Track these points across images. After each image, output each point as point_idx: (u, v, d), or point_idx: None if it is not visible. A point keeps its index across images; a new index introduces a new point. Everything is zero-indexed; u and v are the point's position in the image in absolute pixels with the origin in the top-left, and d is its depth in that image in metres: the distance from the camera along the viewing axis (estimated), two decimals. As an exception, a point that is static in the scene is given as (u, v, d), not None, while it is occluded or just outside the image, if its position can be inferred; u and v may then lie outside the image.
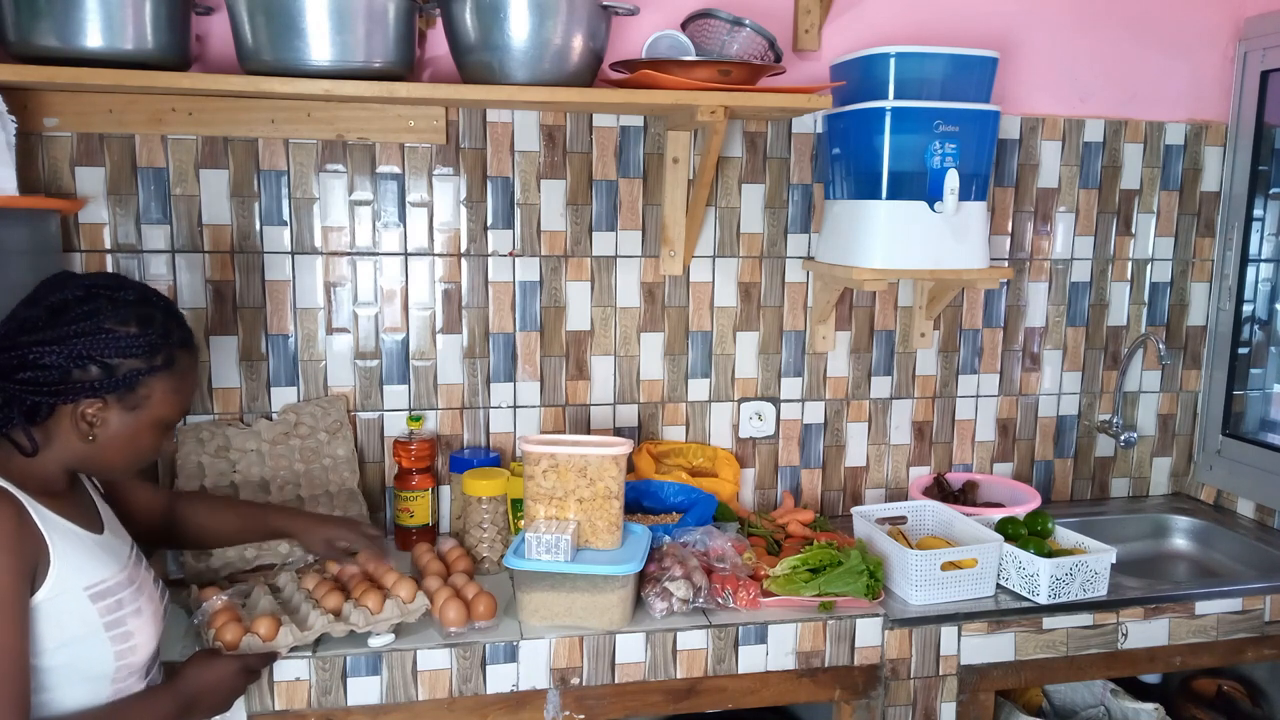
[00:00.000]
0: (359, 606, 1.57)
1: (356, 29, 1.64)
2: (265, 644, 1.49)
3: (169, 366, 1.29)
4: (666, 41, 1.87)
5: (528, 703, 1.63)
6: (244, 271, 1.95)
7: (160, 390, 1.29)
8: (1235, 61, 2.35)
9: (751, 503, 2.28)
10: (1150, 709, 2.05)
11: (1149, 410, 2.47)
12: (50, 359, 1.21)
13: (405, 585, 1.62)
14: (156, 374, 1.28)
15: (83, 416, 1.25)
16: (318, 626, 1.53)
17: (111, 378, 1.24)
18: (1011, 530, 1.90)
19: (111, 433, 1.27)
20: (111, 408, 1.26)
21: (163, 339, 1.28)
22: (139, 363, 1.26)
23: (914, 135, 1.91)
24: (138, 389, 1.27)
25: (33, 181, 1.81)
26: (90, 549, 1.28)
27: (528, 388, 2.12)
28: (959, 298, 2.30)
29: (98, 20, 1.57)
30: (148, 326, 1.27)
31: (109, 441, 1.27)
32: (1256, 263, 2.38)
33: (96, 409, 1.25)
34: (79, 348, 1.22)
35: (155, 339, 1.27)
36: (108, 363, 1.24)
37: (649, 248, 2.12)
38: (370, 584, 1.65)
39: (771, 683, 1.72)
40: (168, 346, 1.29)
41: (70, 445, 1.27)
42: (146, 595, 1.34)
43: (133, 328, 1.26)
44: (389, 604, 1.58)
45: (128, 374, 1.25)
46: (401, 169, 1.99)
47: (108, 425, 1.27)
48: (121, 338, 1.24)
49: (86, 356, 1.22)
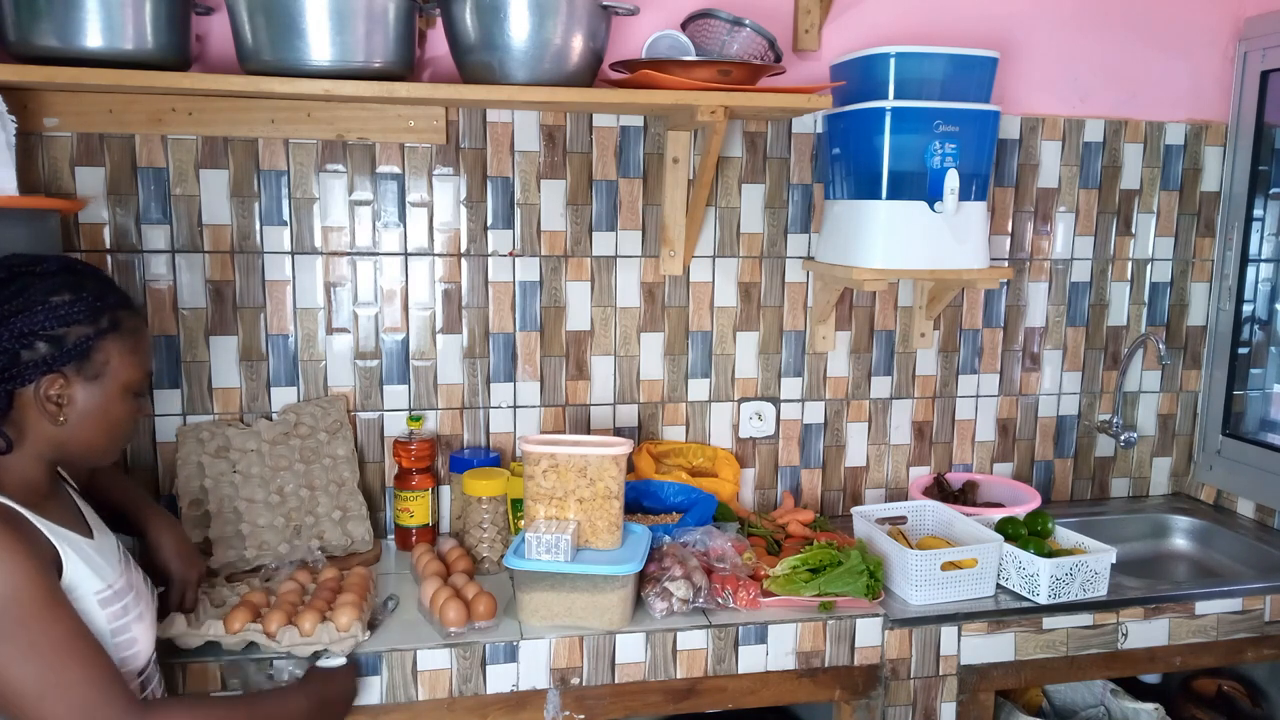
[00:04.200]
0: (291, 625, 1.53)
1: (356, 29, 1.64)
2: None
3: (116, 328, 1.26)
4: (666, 41, 1.87)
5: (528, 703, 1.63)
6: (244, 271, 1.95)
7: (116, 353, 1.26)
8: (1235, 61, 2.35)
9: (751, 503, 2.28)
10: (1150, 709, 2.05)
11: (1149, 410, 2.47)
12: None
13: (346, 613, 1.55)
14: (106, 337, 1.25)
15: (47, 398, 1.21)
16: (247, 633, 1.51)
17: (63, 349, 1.21)
18: (1011, 530, 1.90)
19: (81, 409, 1.24)
20: (73, 382, 1.23)
21: (100, 301, 1.25)
22: (85, 328, 1.23)
23: (914, 135, 1.91)
24: (93, 356, 1.23)
25: (33, 181, 1.81)
26: (88, 554, 1.25)
27: (528, 388, 2.12)
28: (959, 298, 2.30)
29: (98, 20, 1.57)
30: (80, 291, 1.23)
31: (81, 420, 1.24)
32: (1256, 263, 2.38)
33: (59, 386, 1.22)
34: (18, 326, 1.18)
35: (93, 301, 1.24)
36: (53, 334, 1.20)
37: (649, 248, 2.12)
38: (327, 601, 1.61)
39: (771, 683, 1.72)
40: (108, 309, 1.26)
41: (44, 434, 1.23)
42: (144, 599, 1.33)
43: (66, 295, 1.22)
44: (320, 629, 1.52)
45: (77, 342, 1.22)
46: (401, 169, 1.99)
47: (75, 402, 1.23)
48: (58, 306, 1.21)
49: (29, 334, 1.19)
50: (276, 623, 1.52)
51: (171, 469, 1.91)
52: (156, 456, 1.96)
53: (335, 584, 1.68)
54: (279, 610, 1.55)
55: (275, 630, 1.51)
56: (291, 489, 1.91)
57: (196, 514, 1.85)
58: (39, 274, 1.23)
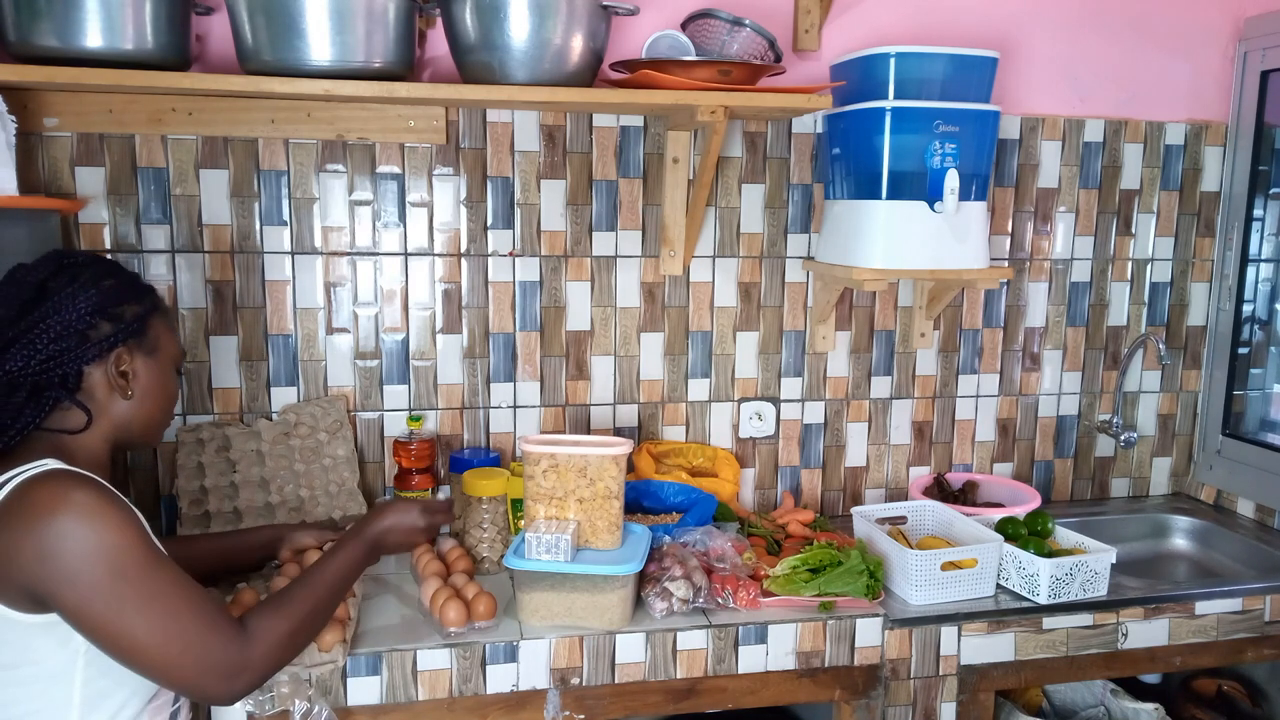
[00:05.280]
0: None
1: (356, 29, 1.64)
2: None
3: (158, 307, 1.38)
4: (666, 41, 1.87)
5: (528, 703, 1.63)
6: (244, 271, 1.95)
7: (163, 329, 1.37)
8: (1235, 61, 2.35)
9: (751, 503, 2.28)
10: (1150, 709, 2.05)
11: (1149, 410, 2.47)
12: (57, 329, 1.25)
13: (331, 631, 1.51)
14: (154, 314, 1.35)
15: (119, 373, 1.30)
16: None
17: (124, 325, 1.30)
18: (1011, 530, 1.90)
19: (144, 384, 1.34)
20: (136, 356, 1.32)
21: (138, 283, 1.36)
22: (137, 306, 1.33)
23: (914, 135, 1.91)
24: (148, 331, 1.34)
25: (33, 181, 1.81)
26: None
27: (528, 388, 2.12)
28: (959, 298, 2.30)
29: (97, 20, 1.57)
30: (119, 276, 1.34)
31: (145, 394, 1.34)
32: (1256, 263, 2.38)
33: (125, 360, 1.31)
34: (82, 308, 1.26)
35: (135, 283, 1.35)
36: (114, 311, 1.30)
37: (649, 248, 2.12)
38: None
39: (771, 683, 1.72)
40: (148, 289, 1.37)
41: (113, 410, 1.31)
42: None
43: (111, 280, 1.32)
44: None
45: (134, 318, 1.31)
46: (401, 169, 1.99)
47: (139, 376, 1.33)
48: (111, 289, 1.30)
49: (92, 313, 1.27)
50: None
51: (171, 469, 1.91)
52: (156, 457, 1.96)
53: None
54: None
55: None
56: (291, 489, 1.92)
57: (196, 514, 1.85)
58: (81, 264, 1.32)
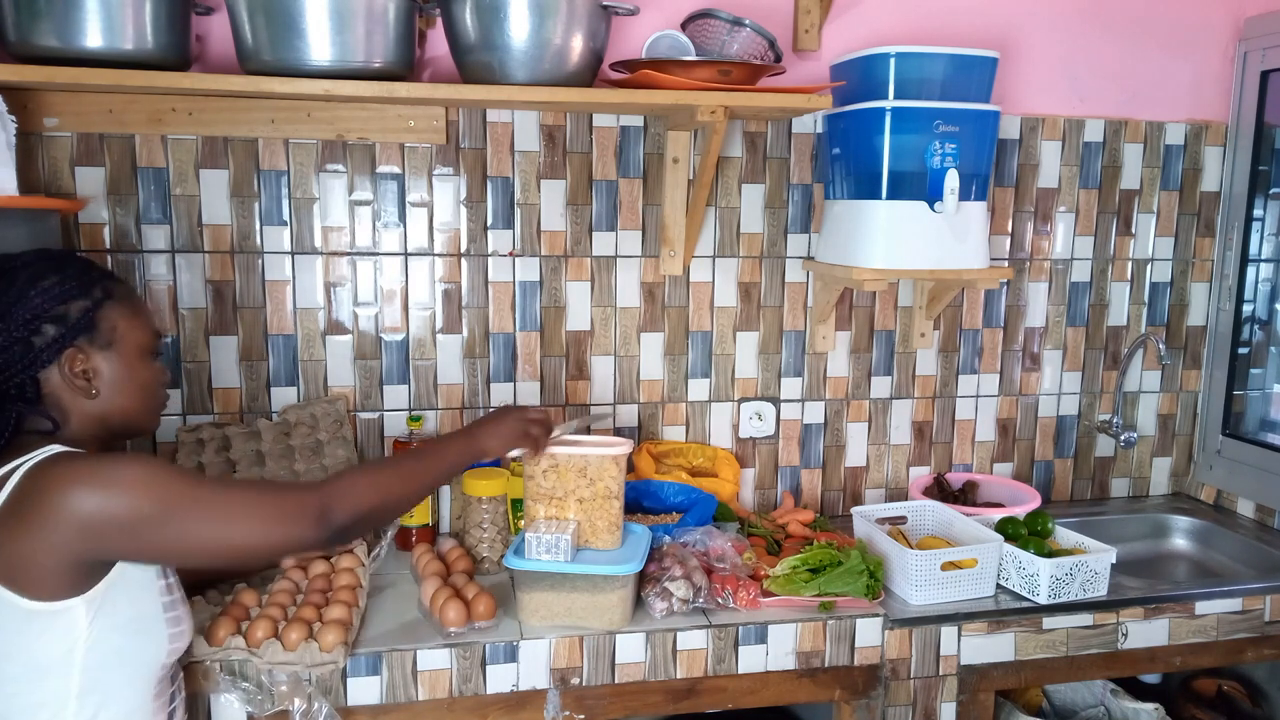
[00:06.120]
0: (275, 639, 1.50)
1: (356, 29, 1.64)
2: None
3: (110, 295, 1.31)
4: (666, 41, 1.87)
5: (528, 703, 1.63)
6: (244, 271, 1.95)
7: (119, 318, 1.31)
8: (1235, 61, 2.35)
9: (751, 503, 2.28)
10: (1150, 709, 2.05)
11: (1149, 410, 2.47)
12: (3, 341, 1.22)
13: (333, 632, 1.51)
14: (104, 305, 1.30)
15: (73, 374, 1.27)
16: (228, 645, 1.49)
17: (69, 324, 1.26)
18: (1011, 530, 1.90)
19: (108, 378, 1.30)
20: (91, 354, 1.28)
21: (85, 275, 1.30)
22: (82, 301, 1.28)
23: (914, 135, 1.91)
24: (99, 324, 1.29)
25: (33, 181, 1.81)
26: None
27: (528, 388, 2.12)
28: (959, 298, 2.30)
29: (97, 20, 1.57)
30: (63, 271, 1.29)
31: (112, 388, 1.30)
32: (1256, 263, 2.38)
33: (80, 360, 1.27)
34: (20, 315, 1.23)
35: (79, 276, 1.29)
36: (56, 313, 1.26)
37: (649, 248, 2.12)
38: (316, 607, 1.58)
39: (771, 683, 1.72)
40: (96, 280, 1.31)
41: (84, 412, 1.29)
42: (179, 592, 1.34)
43: (52, 277, 1.27)
44: (304, 647, 1.49)
45: (80, 315, 1.27)
46: (401, 169, 1.99)
47: (100, 373, 1.29)
48: (49, 289, 1.26)
49: (33, 319, 1.24)
50: (262, 632, 1.50)
51: (171, 469, 1.91)
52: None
53: (325, 583, 1.68)
54: (264, 619, 1.53)
55: (260, 641, 1.49)
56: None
57: (196, 514, 1.85)
58: (19, 266, 1.28)
